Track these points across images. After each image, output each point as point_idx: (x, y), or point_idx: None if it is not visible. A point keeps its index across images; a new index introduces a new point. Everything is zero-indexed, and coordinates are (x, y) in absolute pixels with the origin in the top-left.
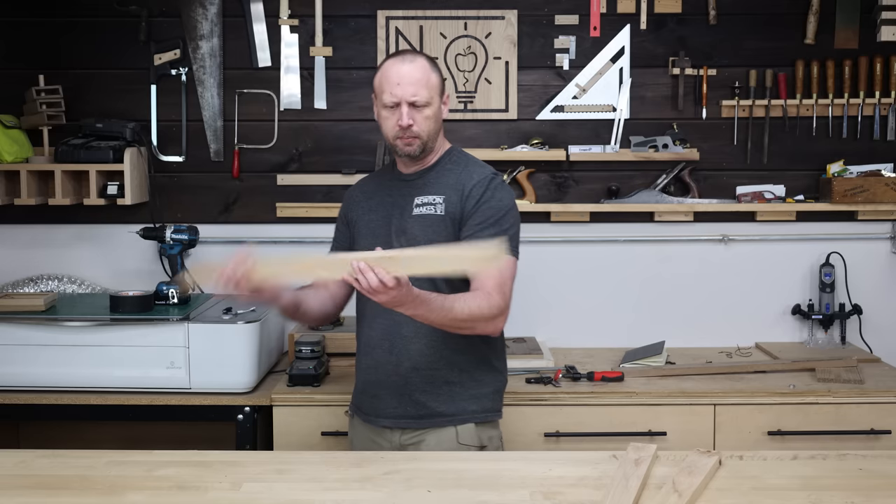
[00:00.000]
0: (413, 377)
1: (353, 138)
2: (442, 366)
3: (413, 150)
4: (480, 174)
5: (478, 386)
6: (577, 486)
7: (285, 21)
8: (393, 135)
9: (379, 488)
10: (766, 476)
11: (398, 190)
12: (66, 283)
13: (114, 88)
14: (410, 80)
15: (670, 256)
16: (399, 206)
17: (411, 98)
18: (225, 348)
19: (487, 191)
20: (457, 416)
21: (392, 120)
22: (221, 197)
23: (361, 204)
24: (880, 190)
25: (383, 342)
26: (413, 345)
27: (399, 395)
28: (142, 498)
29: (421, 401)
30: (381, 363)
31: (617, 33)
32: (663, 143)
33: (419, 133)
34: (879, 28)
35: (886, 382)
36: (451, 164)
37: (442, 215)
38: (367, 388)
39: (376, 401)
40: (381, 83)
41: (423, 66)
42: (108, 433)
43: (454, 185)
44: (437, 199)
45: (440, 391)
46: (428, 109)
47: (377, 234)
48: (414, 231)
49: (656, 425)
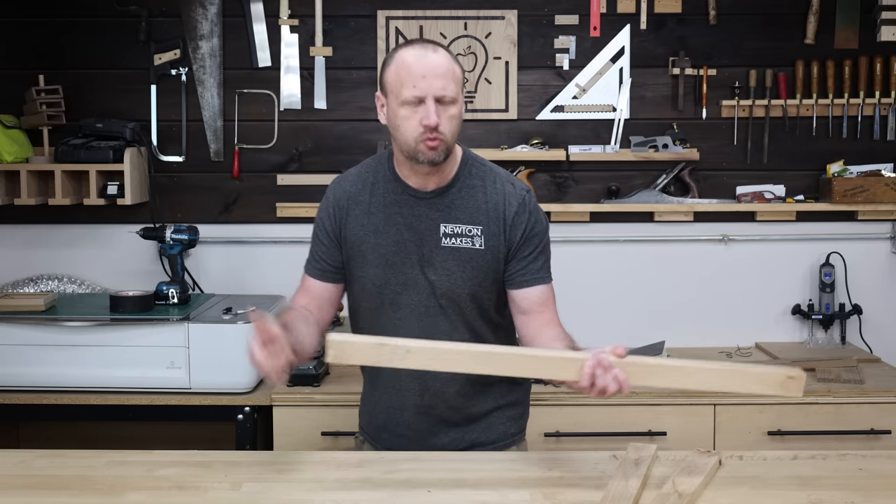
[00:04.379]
0: (450, 416)
1: (353, 138)
2: (479, 400)
3: (437, 156)
4: (515, 195)
5: (513, 408)
6: (577, 486)
7: (285, 21)
8: (415, 137)
9: (379, 488)
10: (766, 476)
11: (413, 210)
12: (66, 283)
13: (114, 88)
14: (438, 73)
15: (670, 256)
16: (419, 232)
17: (440, 92)
18: (225, 348)
19: (531, 217)
20: (499, 443)
21: (415, 119)
22: (221, 197)
23: (361, 221)
24: (880, 190)
25: (412, 385)
26: (448, 388)
27: (432, 434)
28: (142, 498)
29: (459, 436)
30: (409, 405)
31: (617, 33)
32: (663, 143)
33: (445, 134)
34: (879, 28)
35: (886, 382)
36: (472, 179)
37: (482, 249)
38: (389, 427)
39: (403, 440)
40: (400, 76)
41: (447, 56)
42: (108, 433)
43: (488, 210)
44: (473, 229)
45: (479, 424)
46: (454, 108)
47: (391, 262)
48: (448, 266)
49: (656, 425)
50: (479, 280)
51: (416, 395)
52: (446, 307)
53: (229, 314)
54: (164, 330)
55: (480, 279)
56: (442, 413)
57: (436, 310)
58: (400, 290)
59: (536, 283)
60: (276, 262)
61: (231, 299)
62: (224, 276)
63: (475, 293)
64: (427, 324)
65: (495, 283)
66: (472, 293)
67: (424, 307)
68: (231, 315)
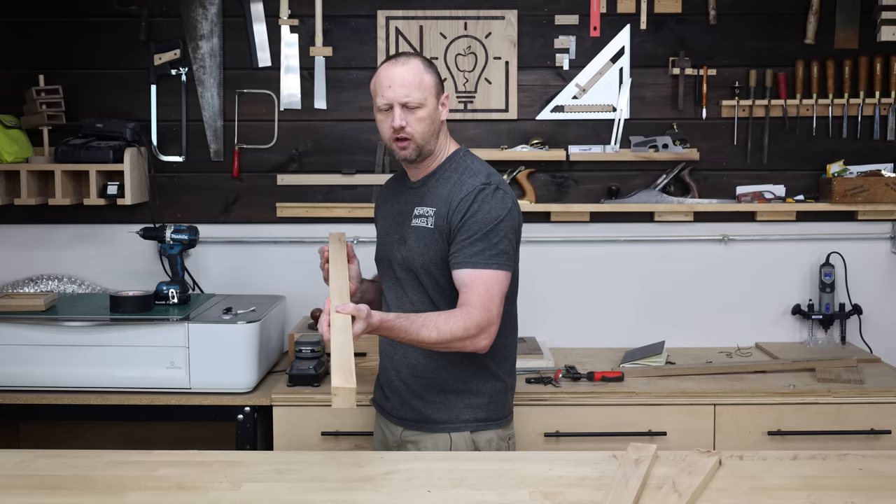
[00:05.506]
0: (412, 383)
1: (353, 138)
2: (438, 374)
3: (408, 154)
4: (470, 185)
5: (473, 395)
6: (577, 486)
7: (285, 21)
8: (388, 137)
9: (379, 488)
10: (766, 476)
11: (404, 197)
12: (66, 283)
13: (114, 88)
14: (402, 82)
15: (670, 256)
16: (402, 215)
17: (403, 99)
18: (225, 348)
19: (474, 204)
20: (449, 424)
21: (386, 123)
22: (221, 197)
23: (382, 207)
24: (880, 190)
25: (388, 348)
26: (410, 354)
27: (401, 398)
28: (142, 498)
29: (417, 406)
30: (388, 368)
31: (617, 33)
32: (663, 143)
33: (412, 135)
34: (879, 28)
35: (886, 382)
36: (449, 172)
37: (431, 228)
38: (380, 385)
39: (386, 399)
40: (375, 86)
41: (416, 67)
42: (108, 433)
43: (446, 196)
44: (430, 210)
45: (436, 399)
46: (421, 111)
47: (385, 241)
48: (411, 242)
49: (656, 425)
50: (429, 255)
51: (389, 357)
52: (412, 278)
53: (229, 314)
54: (164, 330)
55: (430, 255)
56: (407, 379)
57: (405, 281)
58: (386, 265)
59: (465, 267)
60: (276, 262)
61: (231, 299)
62: (224, 276)
63: (426, 266)
64: (400, 293)
65: (443, 259)
66: (425, 266)
67: (397, 279)
68: (231, 315)
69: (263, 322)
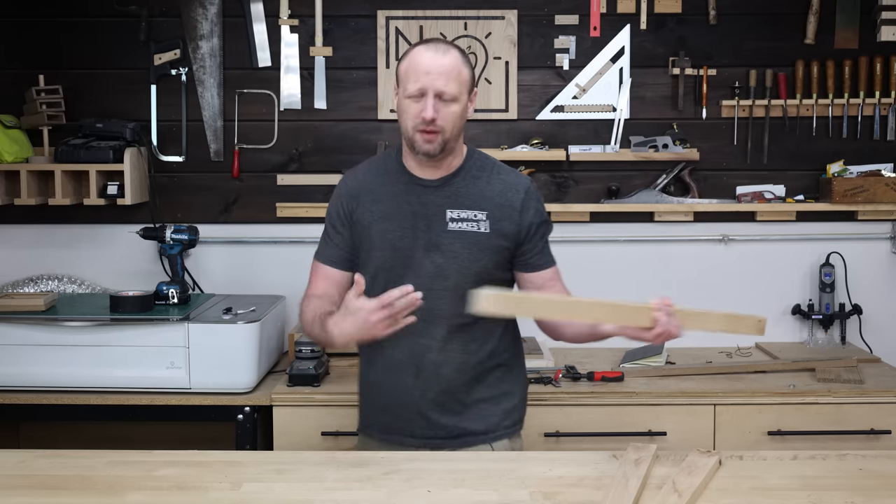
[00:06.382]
0: (444, 400)
1: (353, 138)
2: (472, 387)
3: (433, 148)
4: (522, 184)
5: (507, 399)
6: (577, 486)
7: (285, 21)
8: (413, 126)
9: (379, 488)
10: (766, 476)
11: (418, 197)
12: (66, 283)
13: (114, 88)
14: (441, 71)
15: (670, 256)
16: (425, 217)
17: (440, 89)
18: (225, 348)
19: (538, 202)
20: (490, 434)
21: (415, 110)
22: (221, 197)
23: (370, 208)
24: (880, 190)
25: (409, 366)
26: (443, 370)
27: (427, 418)
28: (142, 498)
29: (453, 423)
30: (408, 387)
31: (617, 33)
32: (663, 143)
33: (443, 128)
34: (879, 28)
35: (886, 382)
36: (477, 171)
37: (487, 233)
38: (388, 409)
39: (400, 421)
40: (408, 71)
41: (455, 58)
42: (108, 433)
43: (494, 197)
44: (479, 214)
45: (471, 411)
46: (455, 105)
47: (397, 246)
48: (454, 248)
49: (656, 425)
50: (483, 262)
51: (411, 377)
52: (448, 289)
53: (229, 314)
54: (164, 330)
55: (486, 261)
56: (437, 398)
57: (438, 292)
58: (402, 273)
59: (550, 265)
60: (276, 262)
61: (231, 299)
62: (224, 276)
63: (480, 274)
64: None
65: (497, 266)
66: (477, 274)
67: (427, 289)
68: (231, 315)
69: (263, 322)
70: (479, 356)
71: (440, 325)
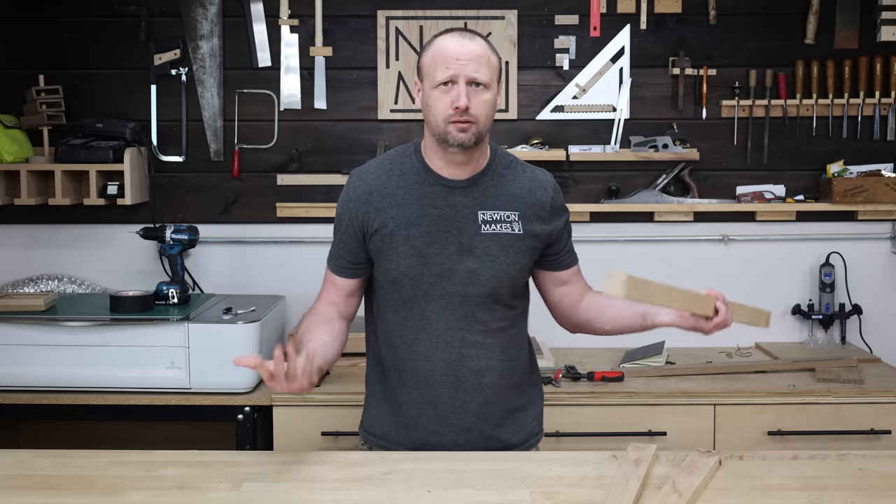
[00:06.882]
0: (486, 412)
1: (353, 138)
2: (512, 394)
3: (468, 138)
4: (548, 180)
5: (535, 404)
6: (577, 486)
7: (285, 21)
8: (445, 118)
9: (379, 488)
10: (766, 476)
11: (446, 199)
12: (66, 283)
13: (114, 88)
14: (471, 57)
15: (670, 256)
16: (456, 221)
17: (472, 75)
18: (225, 348)
19: (563, 199)
20: (525, 443)
21: (446, 100)
22: (221, 197)
23: (391, 213)
24: (880, 190)
25: (447, 377)
26: (485, 378)
27: (467, 431)
28: (142, 498)
29: (494, 435)
30: (445, 400)
31: (617, 33)
32: (663, 143)
33: (477, 118)
34: (879, 28)
35: (886, 382)
36: (503, 169)
37: (521, 234)
38: (420, 425)
39: (434, 437)
40: (435, 59)
41: (484, 44)
42: (108, 433)
43: (524, 196)
44: (511, 214)
45: (510, 421)
46: (487, 93)
47: (426, 253)
48: (490, 251)
49: (656, 425)
50: (520, 264)
51: (450, 388)
52: (484, 294)
53: (229, 314)
54: (164, 330)
55: (521, 263)
56: (479, 410)
57: (473, 298)
58: (433, 282)
59: (575, 263)
60: (276, 262)
61: (231, 299)
62: (224, 276)
63: (515, 278)
64: (462, 313)
65: (528, 267)
66: (513, 277)
67: (461, 296)
68: (231, 315)
69: (263, 322)
70: (518, 362)
71: (478, 332)
